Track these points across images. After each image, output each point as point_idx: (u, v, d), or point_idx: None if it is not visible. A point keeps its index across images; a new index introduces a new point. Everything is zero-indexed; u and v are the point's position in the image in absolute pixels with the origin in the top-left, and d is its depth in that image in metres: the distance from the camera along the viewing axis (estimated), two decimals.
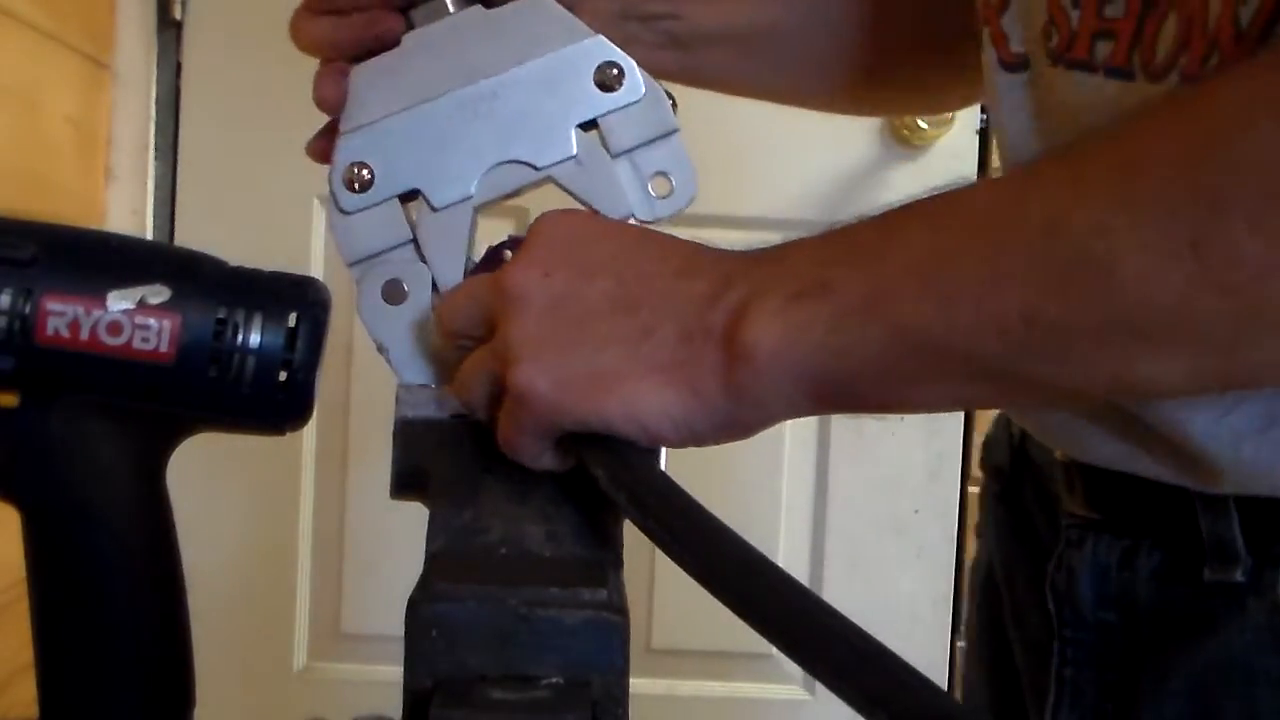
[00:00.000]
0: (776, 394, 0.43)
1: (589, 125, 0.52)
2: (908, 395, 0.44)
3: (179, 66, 1.55)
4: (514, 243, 0.51)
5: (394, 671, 0.39)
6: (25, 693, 0.50)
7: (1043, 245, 0.39)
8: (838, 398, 0.43)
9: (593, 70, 0.51)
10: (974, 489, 1.60)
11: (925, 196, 0.44)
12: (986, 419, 1.57)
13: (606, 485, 0.43)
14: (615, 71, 0.51)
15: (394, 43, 0.54)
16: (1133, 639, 0.55)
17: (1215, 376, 0.41)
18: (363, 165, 0.51)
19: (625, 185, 0.52)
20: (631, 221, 0.52)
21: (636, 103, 0.52)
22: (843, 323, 0.42)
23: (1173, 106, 0.41)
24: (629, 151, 0.52)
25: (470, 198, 0.52)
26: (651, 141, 0.52)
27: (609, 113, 0.52)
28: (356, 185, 0.52)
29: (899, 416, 1.62)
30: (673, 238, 0.48)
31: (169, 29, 1.54)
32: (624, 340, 0.45)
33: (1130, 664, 0.55)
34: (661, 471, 0.43)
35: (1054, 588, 0.58)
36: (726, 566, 0.38)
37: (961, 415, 1.60)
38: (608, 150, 0.52)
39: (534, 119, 0.51)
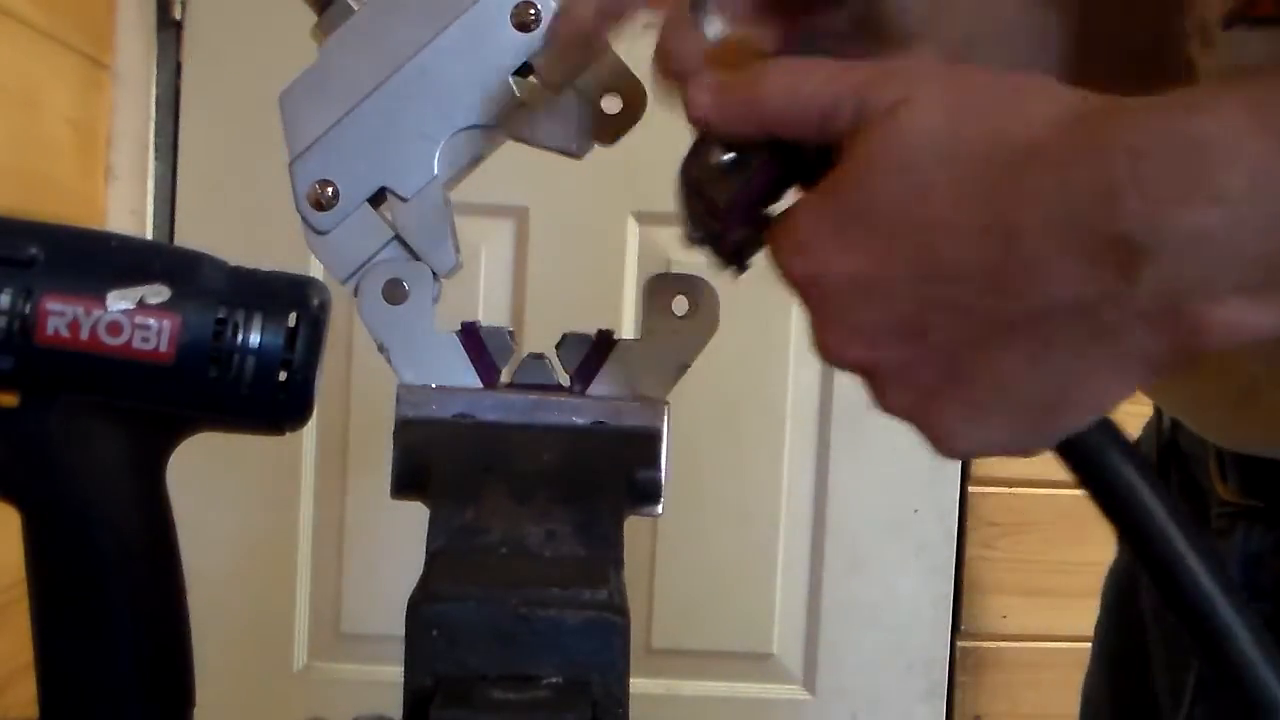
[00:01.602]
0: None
1: (525, 70, 0.52)
2: None
3: (179, 66, 1.55)
4: None
5: (394, 671, 0.39)
6: (25, 693, 0.50)
7: None
8: None
9: (509, 16, 0.51)
10: (974, 489, 1.60)
11: None
12: None
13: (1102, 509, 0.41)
14: (532, 11, 0.51)
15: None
16: None
17: None
18: (324, 183, 0.52)
19: (579, 116, 0.51)
20: (597, 147, 0.51)
21: None
22: None
23: None
24: (570, 80, 0.51)
25: (436, 177, 0.51)
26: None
27: (538, 50, 0.51)
28: (323, 203, 0.52)
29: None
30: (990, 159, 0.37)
31: (169, 29, 1.54)
32: (1030, 344, 0.37)
33: None
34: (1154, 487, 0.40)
35: None
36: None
37: None
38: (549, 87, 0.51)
39: (469, 81, 0.51)
